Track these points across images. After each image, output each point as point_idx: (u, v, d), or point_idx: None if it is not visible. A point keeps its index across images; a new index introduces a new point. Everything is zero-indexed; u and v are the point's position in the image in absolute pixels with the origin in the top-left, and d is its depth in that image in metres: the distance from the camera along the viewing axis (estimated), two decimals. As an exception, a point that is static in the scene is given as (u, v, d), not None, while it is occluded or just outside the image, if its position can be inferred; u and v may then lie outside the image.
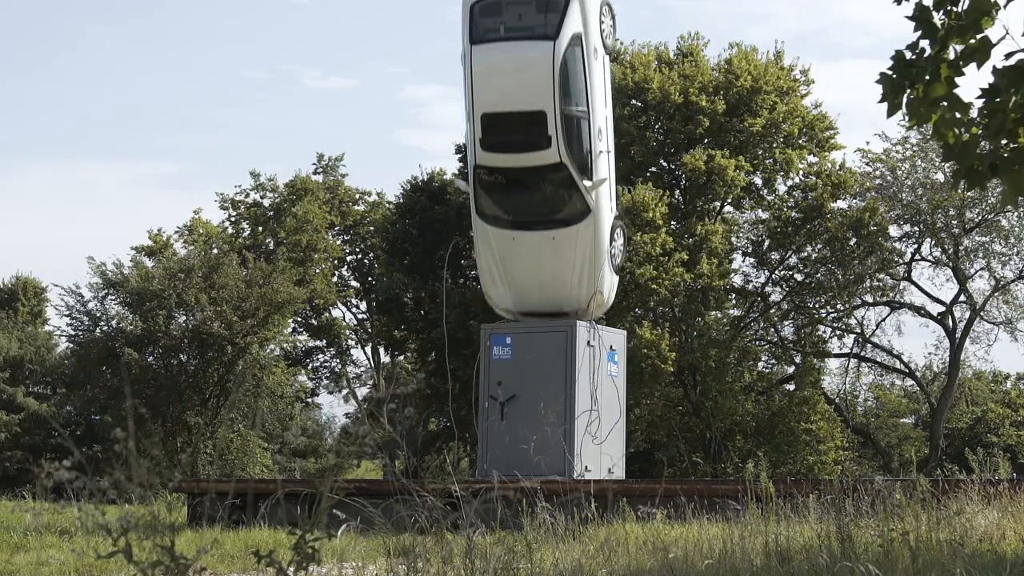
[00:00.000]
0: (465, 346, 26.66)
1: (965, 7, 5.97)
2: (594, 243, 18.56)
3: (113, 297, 32.52)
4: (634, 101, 33.09)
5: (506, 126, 18.10)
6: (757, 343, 35.01)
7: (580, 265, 18.54)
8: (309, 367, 39.90)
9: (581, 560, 7.73)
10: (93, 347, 31.89)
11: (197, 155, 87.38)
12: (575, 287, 18.68)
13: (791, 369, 34.80)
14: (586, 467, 18.13)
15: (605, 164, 18.54)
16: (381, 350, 39.59)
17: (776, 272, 33.86)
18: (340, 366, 39.93)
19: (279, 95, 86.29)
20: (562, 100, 17.65)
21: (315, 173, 39.22)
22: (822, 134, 33.52)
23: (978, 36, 5.97)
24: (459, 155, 33.78)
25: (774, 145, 32.87)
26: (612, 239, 19.08)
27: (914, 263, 34.14)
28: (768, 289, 34.35)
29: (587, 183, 18.14)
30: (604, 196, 18.66)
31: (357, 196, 39.66)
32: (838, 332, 35.48)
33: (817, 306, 34.21)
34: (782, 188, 34.02)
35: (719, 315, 33.43)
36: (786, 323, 34.73)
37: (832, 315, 34.67)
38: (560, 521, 8.80)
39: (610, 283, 19.43)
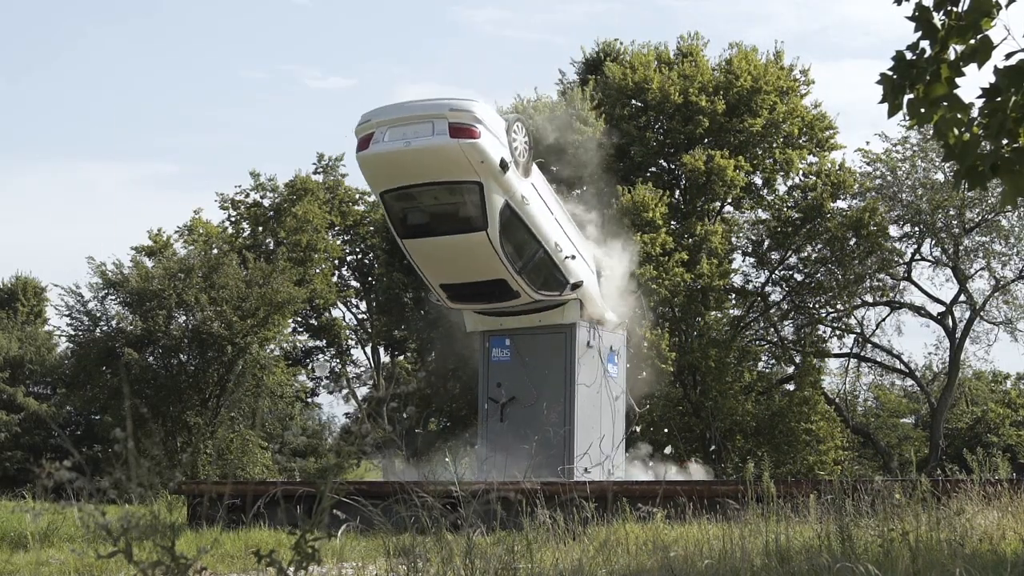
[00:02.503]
0: (465, 346, 26.67)
1: (965, 7, 5.97)
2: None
3: (113, 297, 32.51)
4: (634, 101, 33.11)
5: (469, 290, 18.09)
6: (757, 343, 35.01)
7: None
8: (309, 367, 39.88)
9: (581, 560, 7.73)
10: (93, 347, 31.87)
11: (197, 155, 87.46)
12: None
13: (791, 369, 34.80)
14: (586, 468, 18.15)
15: (577, 264, 18.42)
16: (381, 350, 39.58)
17: (776, 272, 33.87)
18: (340, 366, 39.90)
19: (279, 95, 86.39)
20: (515, 262, 17.38)
21: (315, 173, 39.19)
22: (822, 134, 33.52)
23: (978, 36, 5.97)
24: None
25: (774, 145, 32.87)
26: (599, 281, 19.36)
27: (914, 263, 34.17)
28: (768, 289, 34.37)
29: (567, 293, 18.23)
30: (587, 286, 18.77)
31: (357, 196, 39.62)
32: (838, 332, 35.51)
33: (817, 306, 34.22)
34: (782, 188, 34.06)
35: (719, 315, 33.44)
36: (786, 323, 34.74)
37: (832, 315, 34.68)
38: (560, 521, 8.80)
39: (608, 313, 19.72)
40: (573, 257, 18.24)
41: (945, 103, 6.10)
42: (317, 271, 36.99)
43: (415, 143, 16.28)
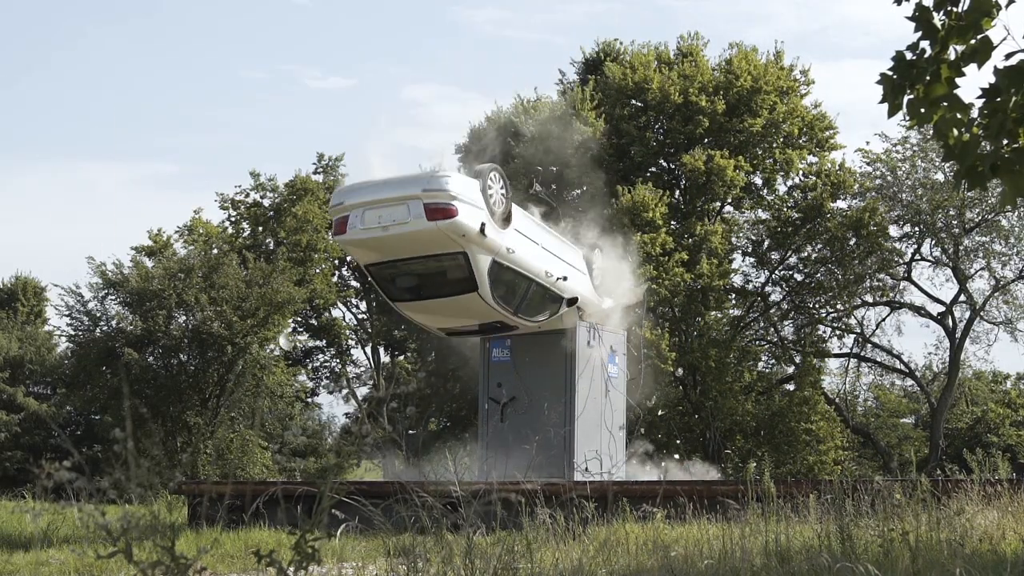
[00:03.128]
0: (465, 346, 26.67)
1: (965, 7, 5.97)
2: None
3: (113, 297, 32.49)
4: (634, 101, 33.12)
5: (466, 330, 18.20)
6: (757, 343, 35.01)
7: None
8: (309, 367, 39.88)
9: (581, 560, 7.72)
10: (93, 347, 31.85)
11: (197, 155, 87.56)
12: None
13: (791, 369, 34.80)
14: (586, 468, 18.15)
15: (570, 281, 18.30)
16: (381, 350, 39.57)
17: (776, 272, 33.87)
18: (340, 366, 39.91)
19: (279, 95, 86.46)
20: (510, 305, 17.24)
21: (315, 173, 39.20)
22: (822, 134, 33.54)
23: (978, 36, 5.97)
24: (459, 155, 33.82)
25: (774, 145, 32.89)
26: (591, 272, 19.33)
27: (914, 263, 34.18)
28: (768, 289, 34.37)
29: (563, 309, 18.23)
30: (583, 296, 18.75)
31: (357, 196, 39.50)
32: (838, 332, 35.51)
33: (817, 306, 34.22)
34: (782, 188, 34.07)
35: (719, 315, 33.44)
36: (786, 323, 34.74)
37: (832, 315, 34.68)
38: (560, 521, 8.80)
39: (605, 302, 19.68)
40: (565, 278, 18.15)
41: (945, 103, 6.10)
42: (317, 271, 36.99)
43: (392, 229, 15.95)
